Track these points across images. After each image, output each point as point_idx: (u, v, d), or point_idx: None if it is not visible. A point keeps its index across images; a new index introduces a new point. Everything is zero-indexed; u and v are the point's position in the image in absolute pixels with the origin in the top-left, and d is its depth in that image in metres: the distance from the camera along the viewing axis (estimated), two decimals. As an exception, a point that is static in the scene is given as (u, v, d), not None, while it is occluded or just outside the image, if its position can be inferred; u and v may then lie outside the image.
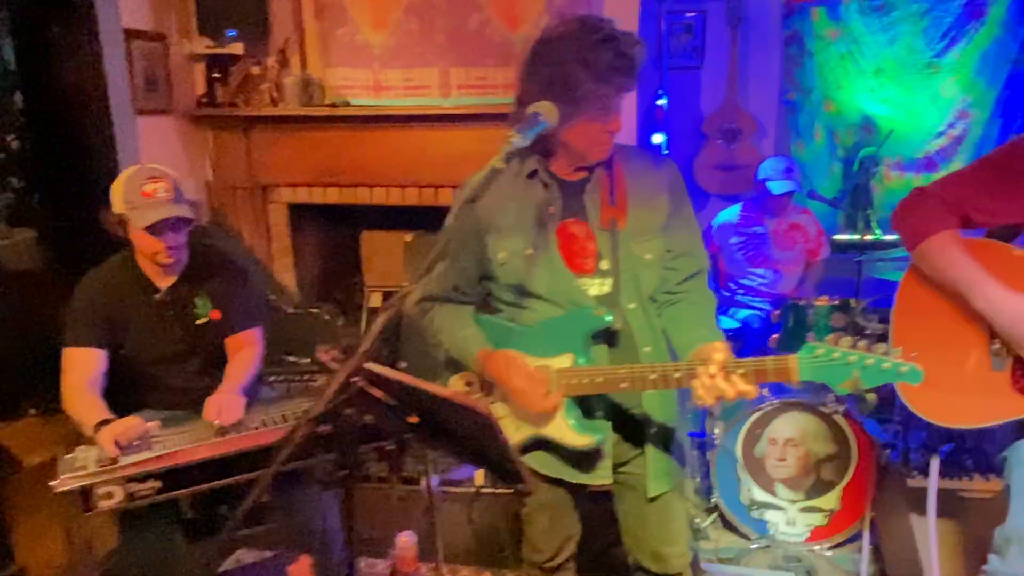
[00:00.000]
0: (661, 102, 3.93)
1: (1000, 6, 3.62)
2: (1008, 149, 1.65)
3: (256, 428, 1.92)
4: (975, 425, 1.64)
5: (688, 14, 3.93)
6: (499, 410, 1.59)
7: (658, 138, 3.91)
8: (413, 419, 1.13)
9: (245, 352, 2.15)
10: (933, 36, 3.70)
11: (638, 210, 1.55)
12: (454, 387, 1.68)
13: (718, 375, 1.32)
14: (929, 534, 2.06)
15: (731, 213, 3.59)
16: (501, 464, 1.07)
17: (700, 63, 3.99)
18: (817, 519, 2.67)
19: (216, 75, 3.37)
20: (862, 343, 1.24)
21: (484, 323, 1.64)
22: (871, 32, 3.76)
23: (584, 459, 1.57)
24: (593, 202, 1.55)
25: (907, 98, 3.79)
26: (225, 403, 1.93)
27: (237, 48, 3.32)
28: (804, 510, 2.68)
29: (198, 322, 2.12)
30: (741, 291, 3.53)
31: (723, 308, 3.44)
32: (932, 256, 1.63)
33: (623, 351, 1.55)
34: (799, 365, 1.27)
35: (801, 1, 3.79)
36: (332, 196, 3.48)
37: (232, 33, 3.29)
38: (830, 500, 2.65)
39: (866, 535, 2.54)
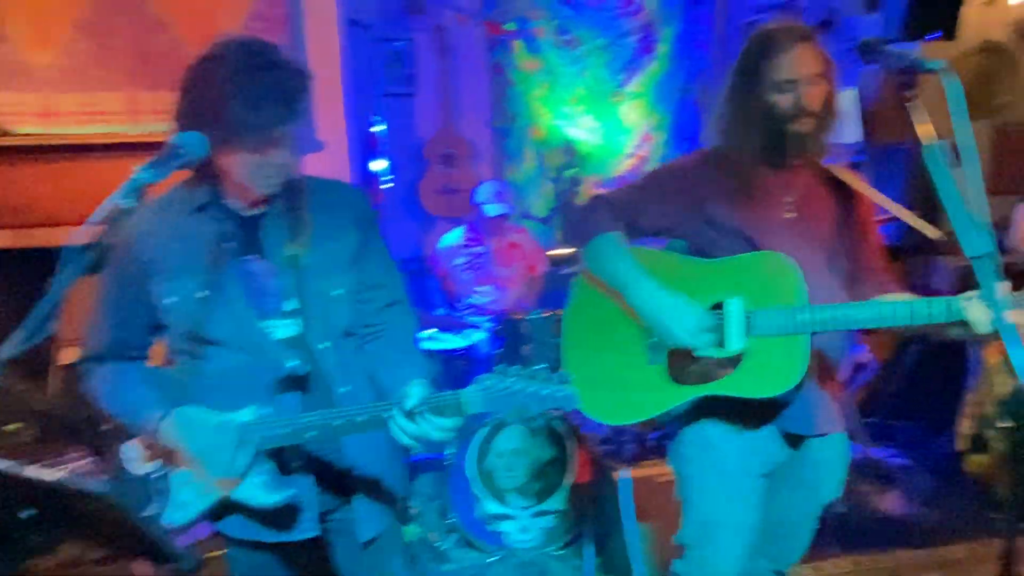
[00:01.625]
0: (378, 128, 3.93)
1: (666, 43, 4.17)
2: (666, 167, 1.81)
3: None
4: (640, 419, 1.70)
5: (396, 42, 3.99)
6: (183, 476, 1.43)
7: (379, 164, 3.91)
8: (27, 512, 0.96)
9: None
10: (616, 68, 4.15)
11: (324, 244, 1.49)
12: (132, 454, 1.48)
13: (410, 417, 1.31)
14: (628, 524, 2.22)
15: (455, 235, 3.70)
16: (153, 544, 0.94)
17: (414, 90, 4.07)
18: (548, 522, 2.81)
19: None
20: (529, 371, 1.28)
21: (157, 379, 1.46)
22: (564, 64, 4.12)
23: (283, 515, 1.46)
24: (274, 237, 1.46)
25: (600, 124, 4.21)
26: None
27: None
28: (536, 515, 2.81)
29: None
30: (470, 310, 3.64)
31: (454, 329, 3.52)
32: (595, 254, 1.68)
33: (318, 395, 1.47)
34: (468, 399, 1.30)
35: (501, 34, 4.03)
36: (5, 239, 2.99)
37: None
38: (557, 501, 2.80)
39: (588, 531, 2.72)
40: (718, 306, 1.60)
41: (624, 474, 2.49)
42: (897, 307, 1.48)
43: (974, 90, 4.04)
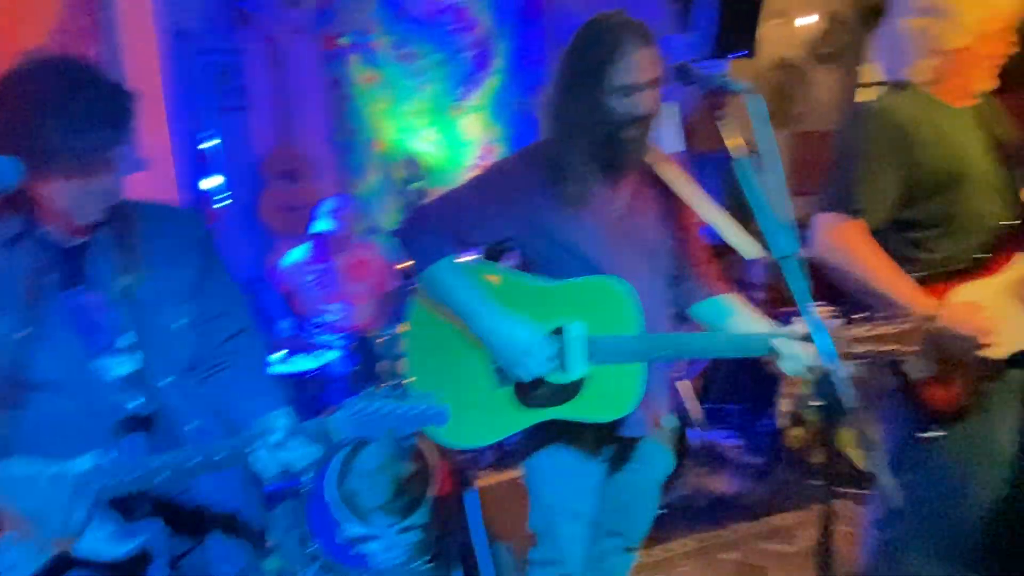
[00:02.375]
0: (210, 144, 3.74)
1: (501, 58, 4.29)
2: (492, 171, 1.77)
3: None
4: (490, 442, 1.75)
5: (224, 54, 3.81)
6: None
7: (212, 182, 3.71)
8: None
9: None
10: (454, 82, 4.22)
11: (159, 273, 1.41)
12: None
13: (276, 449, 1.27)
14: (478, 540, 2.25)
15: (300, 252, 3.59)
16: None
17: (246, 104, 3.90)
18: (413, 537, 2.80)
19: None
20: (397, 391, 1.29)
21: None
22: (404, 77, 4.13)
23: (131, 566, 1.36)
24: (101, 268, 1.36)
25: (442, 136, 4.26)
26: None
27: None
28: (400, 532, 2.79)
29: None
30: (320, 330, 3.54)
31: (305, 350, 3.41)
32: (431, 283, 1.67)
33: (164, 435, 1.38)
34: (337, 425, 1.28)
35: (337, 47, 3.97)
36: None
37: None
38: (421, 515, 2.80)
39: (454, 542, 2.74)
40: (560, 330, 1.61)
41: (471, 492, 2.53)
42: (733, 339, 1.62)
43: (773, 103, 4.51)
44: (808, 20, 4.44)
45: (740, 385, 3.96)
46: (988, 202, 1.78)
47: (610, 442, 1.75)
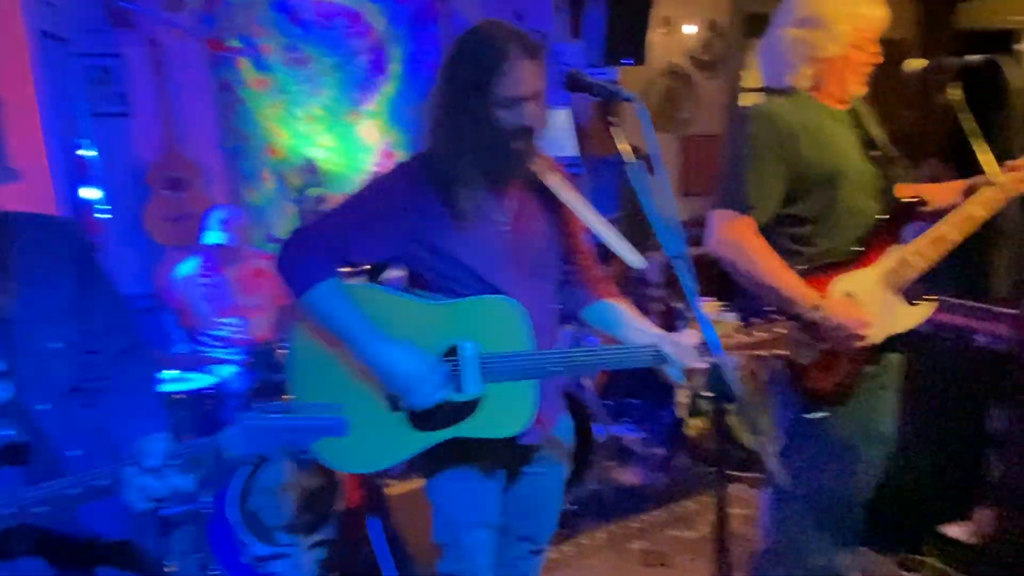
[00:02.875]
0: (88, 152, 3.52)
1: (397, 63, 4.26)
2: (373, 187, 1.68)
3: None
4: (386, 466, 1.72)
5: (102, 57, 3.60)
6: None
7: (92, 192, 3.49)
8: None
9: None
10: (349, 87, 4.15)
11: (33, 290, 1.32)
12: None
13: (154, 474, 1.21)
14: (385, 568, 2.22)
15: (191, 264, 3.43)
16: None
17: (128, 110, 3.70)
18: (321, 553, 2.74)
19: None
20: (292, 403, 1.26)
21: None
22: (297, 82, 4.02)
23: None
24: None
25: (339, 142, 4.18)
26: None
27: None
28: (310, 548, 2.72)
29: None
30: (216, 344, 3.40)
31: (200, 366, 3.26)
32: (312, 308, 1.59)
33: (42, 464, 1.29)
34: (229, 442, 1.24)
35: (224, 51, 3.82)
36: None
37: None
38: (329, 530, 2.74)
39: (364, 555, 2.70)
40: (453, 350, 1.59)
41: (374, 520, 2.52)
42: (620, 351, 1.65)
43: (662, 108, 4.70)
44: (691, 29, 4.65)
45: (641, 379, 4.09)
46: (864, 198, 1.91)
47: (508, 452, 1.73)
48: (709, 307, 4.05)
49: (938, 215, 1.92)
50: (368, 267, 2.07)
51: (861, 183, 1.91)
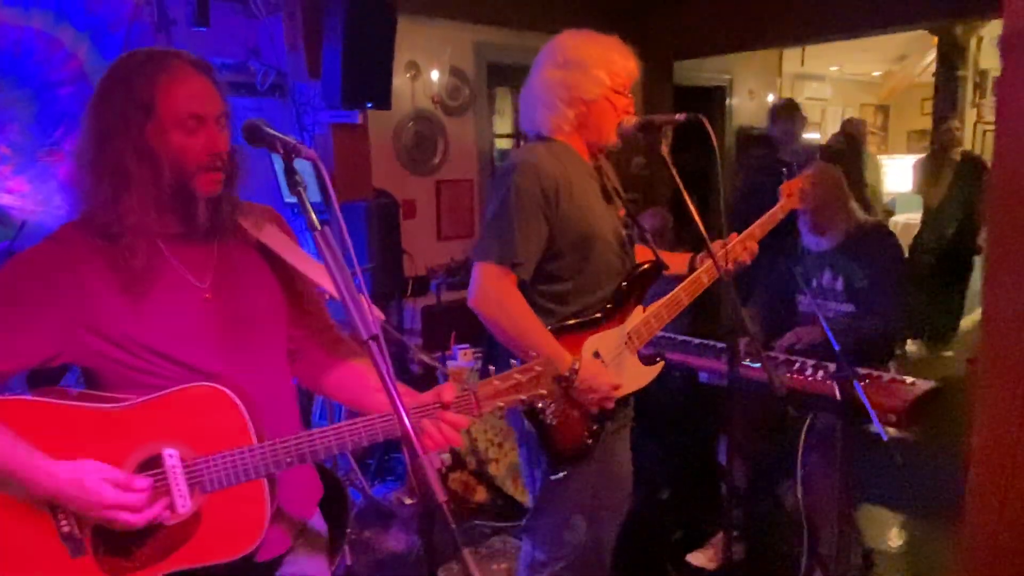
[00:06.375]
0: None
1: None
2: (12, 270, 1.27)
3: None
4: None
5: None
6: None
7: None
8: None
9: None
10: (48, 122, 3.56)
11: None
12: None
13: None
14: None
15: None
16: None
17: None
18: None
19: None
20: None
21: None
22: (-27, 116, 3.36)
23: None
24: None
25: (37, 184, 3.55)
26: None
27: None
28: None
29: None
30: None
31: None
32: None
33: None
34: None
35: None
36: None
37: None
38: None
39: None
40: (151, 462, 1.26)
41: None
42: (366, 425, 1.32)
43: (413, 153, 4.66)
44: (436, 75, 4.69)
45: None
46: (613, 258, 1.94)
47: (248, 572, 1.38)
48: (464, 355, 4.02)
49: (670, 279, 2.02)
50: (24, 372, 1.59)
51: (610, 242, 1.93)
